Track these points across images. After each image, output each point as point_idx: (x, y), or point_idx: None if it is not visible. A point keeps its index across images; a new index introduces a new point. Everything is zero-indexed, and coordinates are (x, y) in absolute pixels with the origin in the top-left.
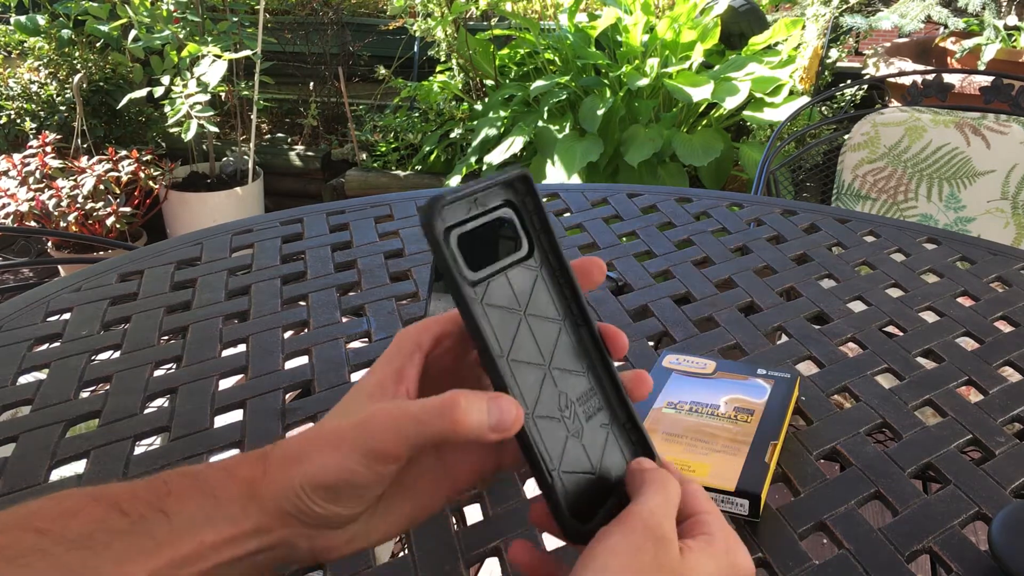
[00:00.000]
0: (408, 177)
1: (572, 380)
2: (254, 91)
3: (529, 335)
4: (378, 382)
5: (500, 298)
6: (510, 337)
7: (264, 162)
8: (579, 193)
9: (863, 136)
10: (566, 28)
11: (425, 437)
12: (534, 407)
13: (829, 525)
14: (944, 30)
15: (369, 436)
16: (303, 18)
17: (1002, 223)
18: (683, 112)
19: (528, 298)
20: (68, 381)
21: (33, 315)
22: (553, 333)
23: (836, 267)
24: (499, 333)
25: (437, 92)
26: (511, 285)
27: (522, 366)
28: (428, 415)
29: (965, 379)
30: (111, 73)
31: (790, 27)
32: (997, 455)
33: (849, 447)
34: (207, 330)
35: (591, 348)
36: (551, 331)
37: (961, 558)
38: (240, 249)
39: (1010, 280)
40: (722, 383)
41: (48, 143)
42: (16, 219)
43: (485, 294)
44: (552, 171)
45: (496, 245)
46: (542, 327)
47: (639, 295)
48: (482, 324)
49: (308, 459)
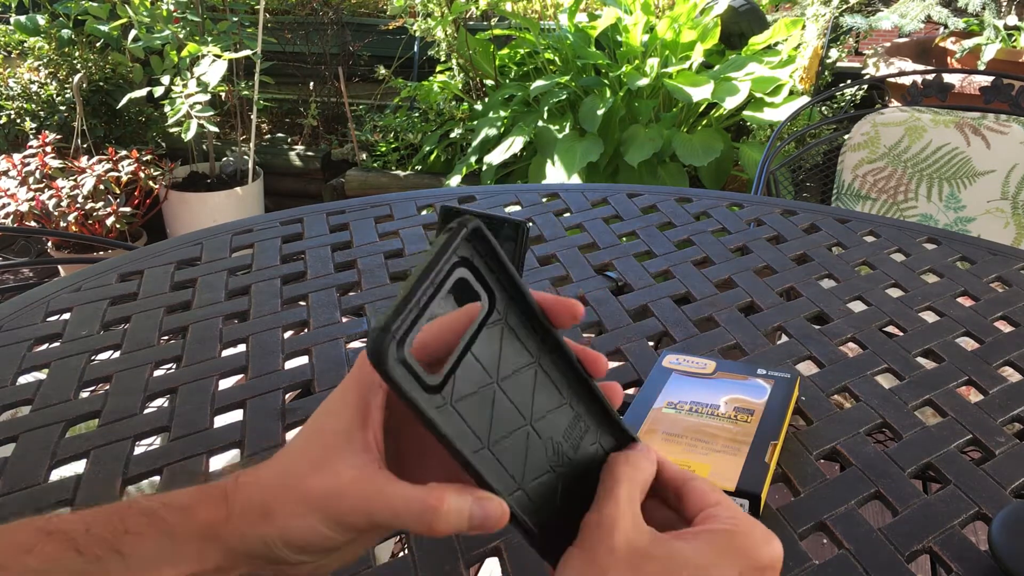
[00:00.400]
0: (408, 177)
1: (555, 418)
2: (254, 91)
3: (506, 402)
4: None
5: (469, 384)
6: (487, 421)
7: (264, 162)
8: (579, 193)
9: (863, 136)
10: (566, 28)
11: (399, 527)
12: (522, 478)
13: (829, 525)
14: (944, 30)
15: (340, 512)
16: (303, 18)
17: (1002, 223)
18: (683, 112)
19: (498, 361)
20: (68, 381)
21: (33, 315)
22: (529, 381)
23: (836, 267)
24: (475, 426)
25: (437, 92)
26: (479, 360)
27: (503, 443)
28: (407, 511)
29: (965, 379)
30: (111, 73)
31: (790, 27)
32: (997, 455)
33: (849, 447)
34: (207, 330)
35: (567, 371)
36: (527, 380)
37: (961, 558)
38: (240, 249)
39: (1010, 280)
40: (722, 383)
41: (48, 143)
42: (16, 219)
43: (453, 391)
44: (552, 171)
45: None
46: (518, 383)
47: (639, 295)
48: (451, 432)
49: (276, 517)
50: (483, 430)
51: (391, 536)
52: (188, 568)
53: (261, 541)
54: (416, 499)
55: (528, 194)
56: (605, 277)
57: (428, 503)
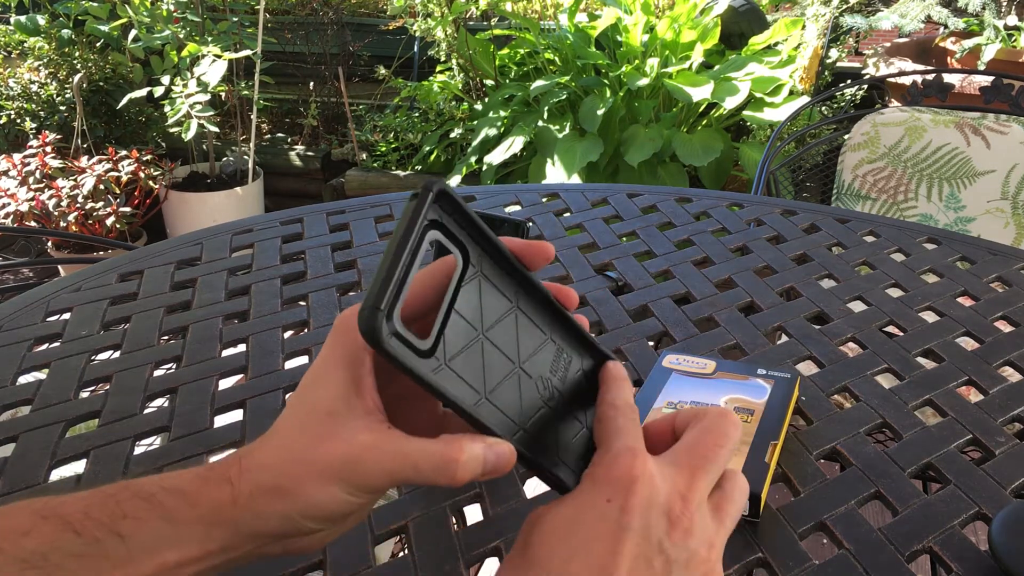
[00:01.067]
0: (408, 177)
1: (541, 356)
2: (254, 91)
3: (495, 351)
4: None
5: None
6: (481, 373)
7: (264, 162)
8: (579, 193)
9: (863, 136)
10: (566, 28)
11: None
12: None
13: (829, 525)
14: (944, 30)
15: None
16: (303, 18)
17: (1002, 223)
18: (683, 112)
19: (481, 313)
20: (68, 381)
21: (33, 315)
22: (512, 325)
23: (836, 267)
24: (471, 380)
25: (437, 92)
26: (463, 316)
27: (498, 390)
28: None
29: (965, 379)
30: (111, 73)
31: (790, 27)
32: (997, 455)
33: (849, 447)
34: (207, 330)
35: (544, 308)
36: (510, 325)
37: (961, 558)
38: (240, 249)
39: (1010, 280)
40: (722, 383)
41: (48, 143)
42: (16, 219)
43: (445, 351)
44: (552, 171)
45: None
46: (502, 330)
47: (639, 295)
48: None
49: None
50: (479, 382)
51: (391, 537)
52: (191, 551)
53: (280, 517)
54: (436, 452)
55: (528, 194)
56: (605, 277)
57: (449, 455)
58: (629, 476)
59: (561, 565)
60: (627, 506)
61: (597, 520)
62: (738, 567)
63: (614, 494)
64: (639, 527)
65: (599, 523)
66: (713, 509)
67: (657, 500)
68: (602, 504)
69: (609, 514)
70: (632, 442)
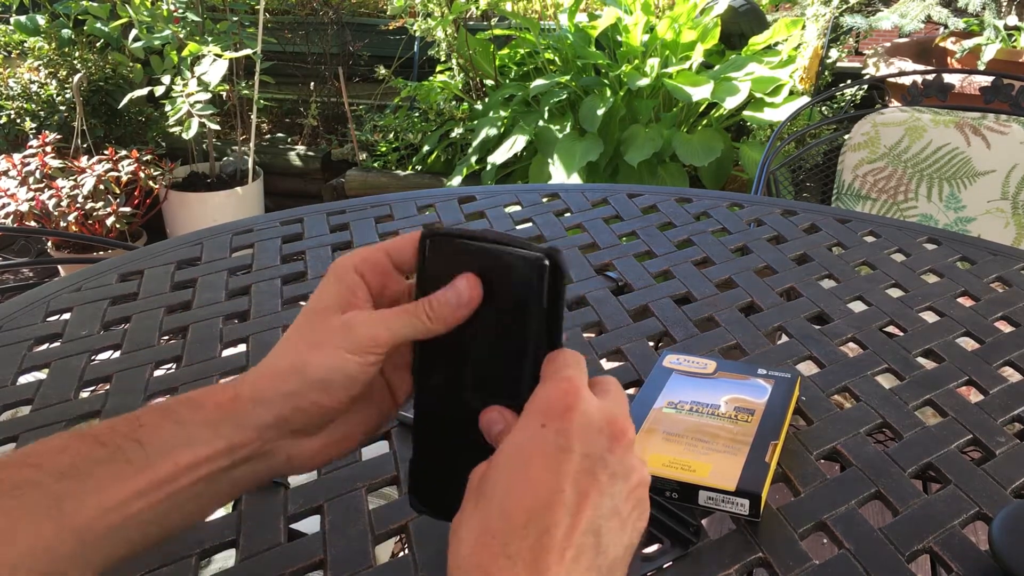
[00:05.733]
0: (408, 177)
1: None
2: (254, 91)
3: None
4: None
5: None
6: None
7: (264, 162)
8: (579, 193)
9: (863, 136)
10: (566, 28)
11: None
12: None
13: (829, 525)
14: (944, 30)
15: (352, 338)
16: (303, 18)
17: (1002, 223)
18: (683, 112)
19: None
20: (68, 381)
21: (33, 315)
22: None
23: (836, 267)
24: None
25: (437, 92)
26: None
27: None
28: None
29: (965, 379)
30: (111, 73)
31: (790, 27)
32: (997, 455)
33: (849, 447)
34: (207, 330)
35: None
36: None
37: (961, 558)
38: (240, 249)
39: (1010, 280)
40: (722, 383)
41: (48, 143)
42: (16, 219)
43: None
44: (552, 171)
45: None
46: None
47: (639, 295)
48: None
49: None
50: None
51: (391, 536)
52: (201, 451)
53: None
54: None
55: (528, 194)
56: (605, 277)
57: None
58: (563, 402)
59: (504, 494)
60: (563, 428)
61: (535, 446)
62: (738, 567)
63: (548, 419)
64: (579, 446)
65: (537, 448)
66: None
67: (594, 420)
68: (537, 430)
69: (546, 437)
70: (567, 372)
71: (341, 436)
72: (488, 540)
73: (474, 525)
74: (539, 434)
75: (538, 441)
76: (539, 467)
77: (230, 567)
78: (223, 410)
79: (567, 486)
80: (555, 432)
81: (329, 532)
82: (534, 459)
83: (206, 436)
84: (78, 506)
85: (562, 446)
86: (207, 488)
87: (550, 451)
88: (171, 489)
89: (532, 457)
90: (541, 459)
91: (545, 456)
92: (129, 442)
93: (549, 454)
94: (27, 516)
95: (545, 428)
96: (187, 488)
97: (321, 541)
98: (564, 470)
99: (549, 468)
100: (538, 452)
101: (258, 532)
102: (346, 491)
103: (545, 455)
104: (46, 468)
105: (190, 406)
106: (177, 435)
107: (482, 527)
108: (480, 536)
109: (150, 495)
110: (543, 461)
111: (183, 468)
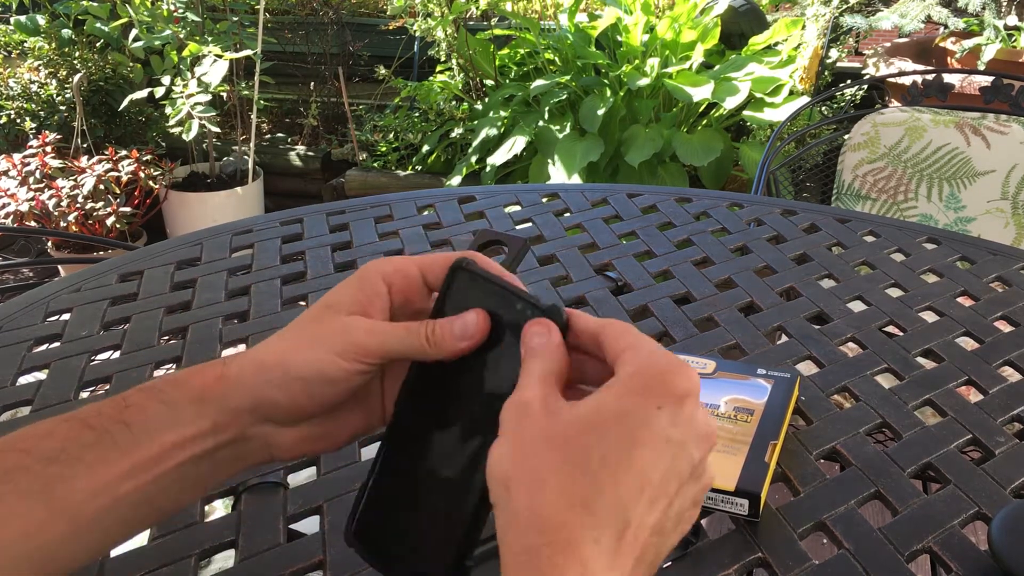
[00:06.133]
0: (408, 177)
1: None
2: (254, 91)
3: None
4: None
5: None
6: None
7: (264, 162)
8: (579, 193)
9: (863, 136)
10: (566, 28)
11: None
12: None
13: (829, 525)
14: (944, 30)
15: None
16: (303, 18)
17: (1002, 223)
18: (683, 112)
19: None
20: (68, 381)
21: (33, 315)
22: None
23: (836, 267)
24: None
25: (437, 92)
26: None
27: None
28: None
29: (965, 379)
30: (111, 73)
31: (790, 27)
32: (997, 455)
33: (849, 447)
34: (207, 330)
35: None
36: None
37: (961, 558)
38: (240, 249)
39: (1010, 280)
40: (722, 383)
41: (48, 143)
42: (16, 219)
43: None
44: (553, 171)
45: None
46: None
47: (639, 295)
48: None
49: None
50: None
51: None
52: (186, 431)
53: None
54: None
55: (528, 194)
56: (605, 277)
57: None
58: (682, 386)
59: (600, 465)
60: (678, 418)
61: (647, 428)
62: (738, 567)
63: (665, 400)
64: (691, 444)
65: (648, 432)
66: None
67: (700, 417)
68: (651, 409)
69: (660, 422)
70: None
71: (321, 434)
72: (581, 512)
73: (565, 483)
74: (654, 416)
75: (652, 424)
76: (647, 455)
77: (229, 567)
78: (209, 390)
79: (663, 484)
80: (670, 419)
81: (329, 532)
82: (644, 443)
83: (191, 416)
84: (68, 489)
85: (672, 439)
86: (192, 470)
87: (660, 440)
88: (159, 470)
89: (643, 440)
90: (652, 446)
91: (655, 444)
92: (116, 424)
93: (659, 443)
94: (18, 501)
95: (661, 411)
96: (174, 469)
97: (321, 541)
98: (667, 467)
99: (655, 461)
100: (650, 437)
101: (258, 533)
102: (346, 491)
103: (655, 442)
104: (35, 453)
105: (177, 385)
106: (163, 415)
107: (574, 492)
108: (571, 502)
109: (138, 476)
110: (653, 450)
111: (169, 447)
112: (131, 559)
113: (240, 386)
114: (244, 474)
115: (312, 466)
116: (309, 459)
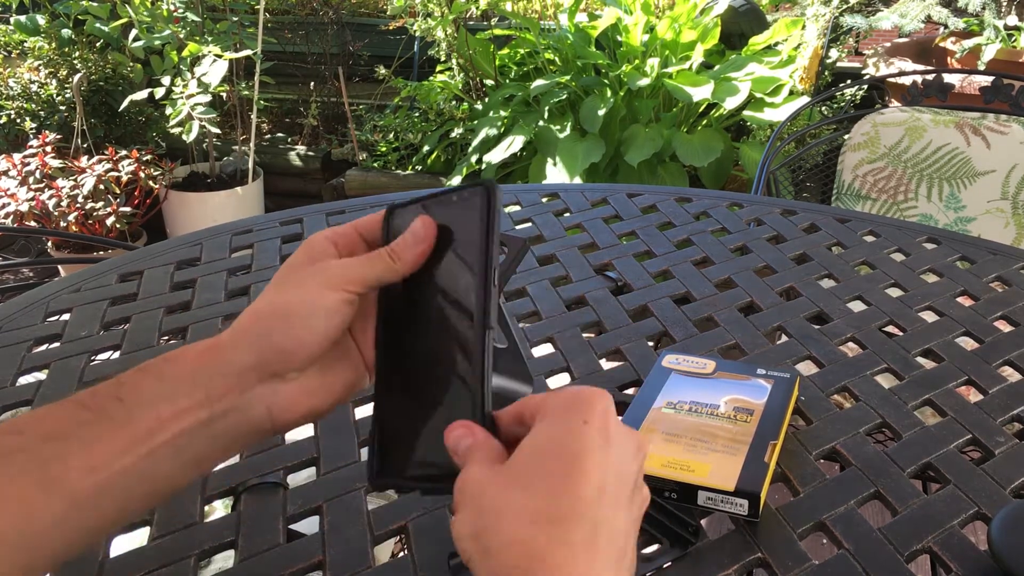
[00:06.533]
0: (408, 177)
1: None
2: (254, 91)
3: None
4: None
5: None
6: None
7: (264, 162)
8: (579, 193)
9: (863, 136)
10: (566, 28)
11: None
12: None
13: (829, 525)
14: (944, 30)
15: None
16: (303, 18)
17: (1002, 223)
18: (683, 112)
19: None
20: (68, 381)
21: (33, 315)
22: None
23: (836, 267)
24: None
25: (437, 92)
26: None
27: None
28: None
29: (965, 379)
30: (111, 73)
31: (790, 27)
32: (997, 455)
33: (849, 447)
34: (207, 330)
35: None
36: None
37: (961, 558)
38: (240, 249)
39: (1010, 280)
40: (722, 383)
41: (48, 143)
42: (16, 219)
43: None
44: (554, 172)
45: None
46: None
47: (639, 295)
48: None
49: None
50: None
51: (390, 537)
52: (181, 403)
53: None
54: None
55: (528, 194)
56: (605, 277)
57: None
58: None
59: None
60: (605, 428)
61: (583, 441)
62: (738, 567)
63: (590, 417)
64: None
65: (585, 443)
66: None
67: (623, 427)
68: (580, 425)
69: (591, 434)
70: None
71: (318, 385)
72: (546, 527)
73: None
74: (584, 430)
75: (585, 437)
76: (592, 462)
77: (229, 568)
78: (202, 360)
79: (619, 485)
80: (598, 431)
81: (328, 533)
82: (586, 453)
83: (186, 388)
84: (64, 468)
85: (604, 446)
86: (188, 443)
87: (597, 448)
88: (154, 443)
89: (584, 451)
90: (591, 454)
91: (594, 452)
92: (111, 401)
93: (596, 450)
94: (14, 481)
95: (588, 425)
96: (169, 442)
97: (320, 542)
98: (617, 470)
99: (599, 464)
100: (588, 447)
101: (257, 533)
102: (345, 491)
103: (594, 450)
104: (29, 434)
105: (170, 361)
106: (157, 390)
107: (536, 511)
108: (532, 518)
109: (133, 451)
110: (593, 456)
111: (165, 421)
112: (131, 559)
113: (239, 345)
114: (244, 473)
115: (312, 466)
116: (309, 459)
